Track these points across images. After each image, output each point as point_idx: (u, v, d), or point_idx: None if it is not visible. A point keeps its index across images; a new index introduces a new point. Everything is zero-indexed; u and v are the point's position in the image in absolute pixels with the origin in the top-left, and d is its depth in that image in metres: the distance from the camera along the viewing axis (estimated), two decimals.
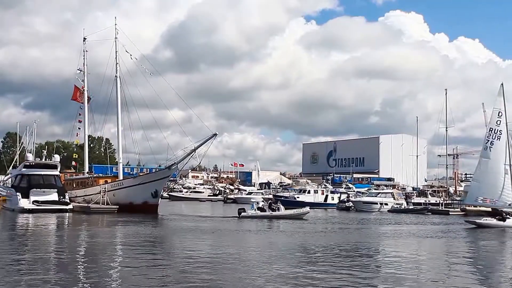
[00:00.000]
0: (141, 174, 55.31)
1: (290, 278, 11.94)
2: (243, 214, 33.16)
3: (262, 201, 41.97)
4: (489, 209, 42.83)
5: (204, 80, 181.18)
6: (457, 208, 48.78)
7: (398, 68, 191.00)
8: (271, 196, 63.03)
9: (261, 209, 34.44)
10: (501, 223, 30.39)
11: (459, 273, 13.94)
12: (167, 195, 68.21)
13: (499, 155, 32.76)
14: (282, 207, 35.45)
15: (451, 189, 62.60)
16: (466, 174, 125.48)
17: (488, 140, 33.14)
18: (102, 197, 38.35)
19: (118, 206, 36.99)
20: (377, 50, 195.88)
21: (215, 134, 37.57)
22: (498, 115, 33.41)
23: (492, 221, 31.19)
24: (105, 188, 39.14)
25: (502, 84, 35.52)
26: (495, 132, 33.00)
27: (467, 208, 45.51)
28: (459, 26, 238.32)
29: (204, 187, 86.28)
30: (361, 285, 11.51)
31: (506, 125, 33.50)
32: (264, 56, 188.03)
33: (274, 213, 33.92)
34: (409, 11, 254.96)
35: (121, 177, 43.16)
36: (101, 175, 48.42)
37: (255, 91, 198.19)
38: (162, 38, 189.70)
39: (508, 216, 30.96)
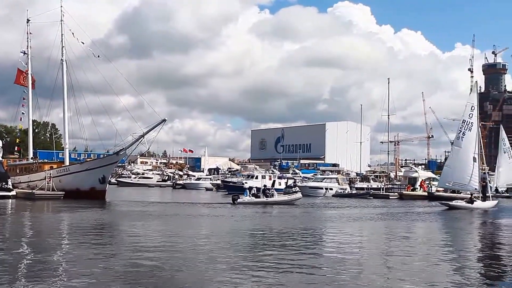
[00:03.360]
0: (88, 159, 54.66)
1: (234, 263, 12.37)
2: (239, 200, 33.81)
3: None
4: (425, 194, 45.82)
5: (157, 67, 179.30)
6: (396, 192, 51.15)
7: (347, 58, 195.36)
8: (219, 182, 63.86)
9: (255, 195, 35.20)
10: (469, 205, 33.94)
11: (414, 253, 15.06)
12: (115, 181, 67.63)
13: (469, 145, 35.86)
14: (275, 193, 36.55)
15: (392, 174, 65.21)
16: (406, 160, 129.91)
17: (461, 131, 36.23)
18: (48, 183, 37.77)
19: (64, 193, 36.60)
20: (327, 40, 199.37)
21: (164, 120, 37.70)
22: (471, 109, 36.51)
23: (462, 203, 34.51)
24: (50, 174, 38.59)
25: (476, 81, 39.96)
26: (467, 124, 36.11)
27: (404, 193, 49.06)
28: (403, 18, 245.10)
29: (153, 173, 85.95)
30: (305, 267, 12.01)
31: (478, 118, 36.83)
32: (218, 44, 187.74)
33: (268, 199, 34.98)
34: (357, 2, 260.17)
35: (67, 163, 42.57)
36: (46, 160, 47.51)
37: (208, 78, 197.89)
38: (116, 24, 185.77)
39: (475, 199, 34.67)
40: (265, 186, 39.49)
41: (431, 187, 49.81)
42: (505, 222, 26.90)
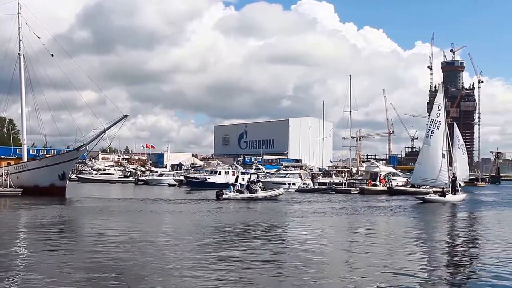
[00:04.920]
0: (47, 156, 53.42)
1: (197, 259, 12.44)
2: (224, 196, 33.69)
3: (239, 183, 41.80)
4: (386, 188, 47.03)
5: (121, 62, 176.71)
6: (357, 187, 51.98)
7: (311, 55, 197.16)
8: (182, 178, 63.49)
9: (239, 191, 35.13)
10: (442, 198, 35.71)
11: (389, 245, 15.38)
12: (75, 178, 66.41)
13: (438, 142, 37.67)
14: (259, 189, 36.58)
15: (354, 170, 66.22)
16: (367, 155, 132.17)
17: (430, 129, 38.19)
18: (5, 179, 36.75)
19: (22, 189, 35.75)
20: (291, 37, 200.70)
21: (126, 116, 37.24)
22: (438, 108, 38.32)
23: (435, 197, 36.31)
24: (7, 171, 37.57)
25: (442, 82, 40.33)
26: (435, 122, 37.97)
27: (365, 187, 49.98)
28: (365, 15, 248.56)
29: (114, 169, 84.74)
30: (269, 262, 12.14)
31: (444, 117, 38.49)
32: (183, 40, 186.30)
33: (252, 195, 35.02)
34: (321, 0, 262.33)
35: (25, 159, 41.50)
36: (3, 156, 46.19)
37: (172, 74, 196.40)
38: (78, 18, 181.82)
39: (447, 192, 36.43)
40: (249, 182, 39.09)
41: (390, 182, 50.85)
42: (476, 214, 29.02)
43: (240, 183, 37.74)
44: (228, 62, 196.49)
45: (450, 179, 37.77)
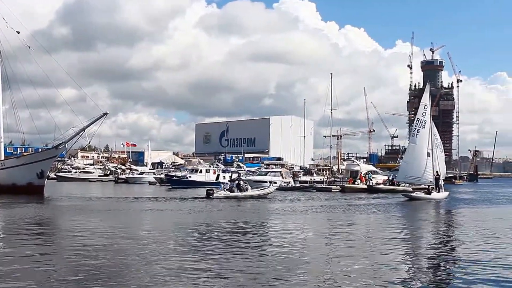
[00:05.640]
0: (25, 154, 52.69)
1: (175, 258, 12.38)
2: (215, 195, 33.53)
3: (229, 181, 41.52)
4: (365, 187, 47.48)
5: (101, 59, 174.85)
6: (338, 185, 52.19)
7: (292, 54, 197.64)
8: (163, 176, 63.10)
9: (230, 190, 35.01)
10: (427, 195, 36.54)
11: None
12: (54, 176, 65.59)
13: (423, 141, 38.50)
14: (249, 187, 36.68)
15: (334, 168, 66.52)
16: (348, 153, 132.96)
17: (416, 128, 39.16)
18: None
19: None
20: (273, 35, 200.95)
21: (106, 113, 36.93)
22: (424, 108, 39.12)
23: (422, 194, 37.14)
24: None
25: (428, 82, 43.77)
26: (421, 122, 38.81)
27: (345, 185, 50.33)
28: (346, 14, 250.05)
29: (94, 167, 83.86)
30: (251, 262, 12.18)
31: (430, 116, 39.23)
32: (165, 37, 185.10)
33: (243, 193, 34.96)
34: None
35: (2, 157, 40.85)
36: None
37: (153, 71, 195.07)
38: (58, 14, 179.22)
39: (432, 190, 37.24)
40: (238, 180, 38.78)
41: (371, 180, 51.16)
42: (460, 210, 30.01)
43: (229, 181, 37.74)
44: (210, 60, 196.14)
45: (434, 177, 38.28)
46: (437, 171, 38.60)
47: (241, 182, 37.01)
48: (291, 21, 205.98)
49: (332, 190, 49.55)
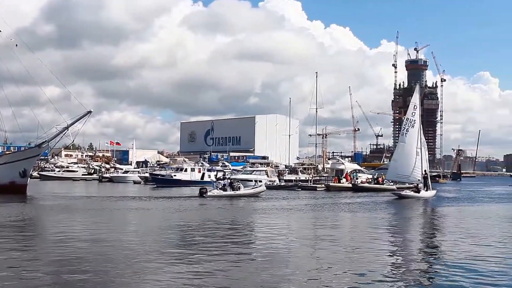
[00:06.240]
0: (7, 152, 51.97)
1: (156, 257, 12.31)
2: (209, 194, 33.47)
3: (221, 180, 41.30)
4: (350, 185, 47.69)
5: (86, 57, 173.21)
6: (323, 184, 52.38)
7: (278, 52, 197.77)
8: (147, 175, 62.77)
9: (223, 189, 34.99)
10: (416, 194, 37.26)
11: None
12: (37, 175, 64.88)
13: (412, 140, 38.94)
14: (242, 186, 36.80)
15: (320, 167, 66.76)
16: (333, 152, 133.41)
17: (405, 128, 39.63)
18: None
19: None
20: (259, 34, 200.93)
21: (90, 112, 36.60)
22: (414, 108, 39.79)
23: (410, 193, 37.80)
24: None
25: (418, 82, 41.96)
26: (411, 121, 39.26)
27: (330, 184, 50.44)
28: (332, 13, 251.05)
29: (78, 166, 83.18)
30: (237, 260, 12.20)
31: (420, 116, 39.85)
32: (150, 35, 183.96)
33: (236, 192, 35.08)
34: None
35: None
36: None
37: (138, 70, 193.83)
38: (42, 12, 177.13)
39: (420, 188, 37.89)
40: (231, 179, 38.63)
41: (356, 179, 51.43)
42: (446, 208, 30.53)
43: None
44: (195, 58, 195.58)
45: (422, 176, 38.75)
46: (425, 170, 39.02)
47: (234, 181, 37.10)
48: (276, 20, 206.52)
49: (317, 189, 49.74)
